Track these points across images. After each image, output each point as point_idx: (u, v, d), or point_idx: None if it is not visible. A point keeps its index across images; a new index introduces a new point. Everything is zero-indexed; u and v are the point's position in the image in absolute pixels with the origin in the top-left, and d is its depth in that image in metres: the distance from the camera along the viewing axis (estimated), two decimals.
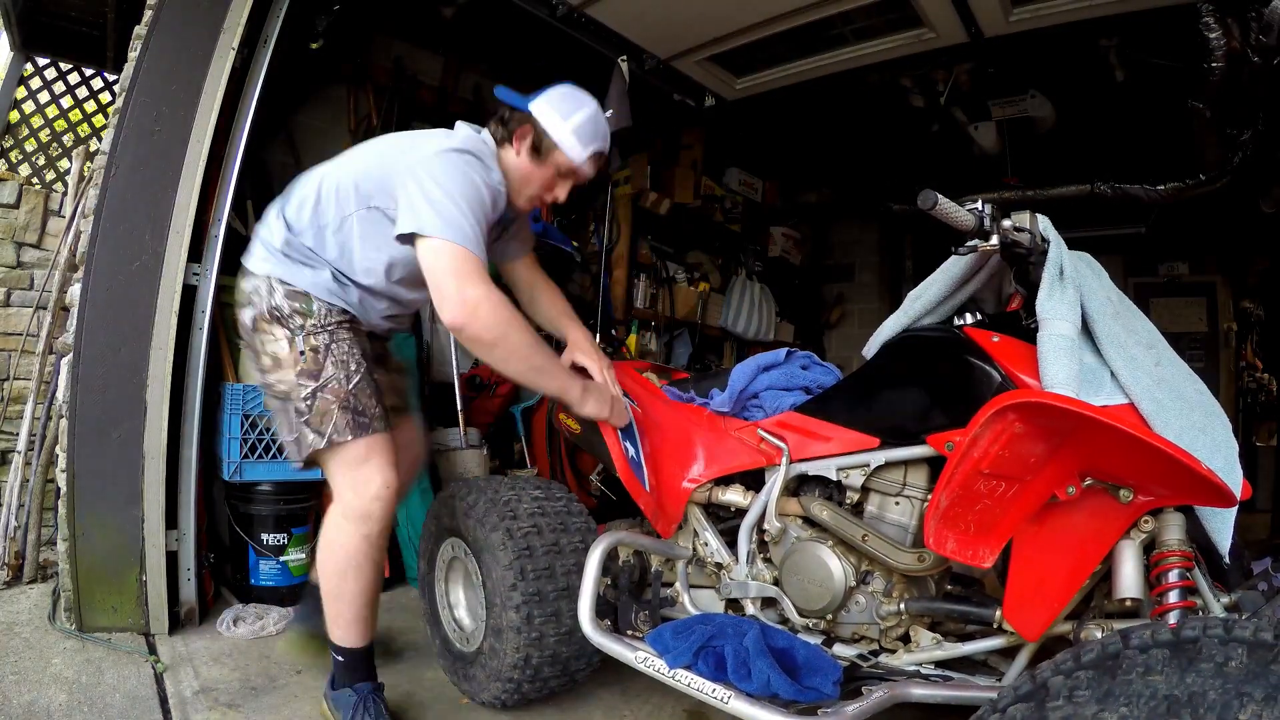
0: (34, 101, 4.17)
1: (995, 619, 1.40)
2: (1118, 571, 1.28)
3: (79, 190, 3.09)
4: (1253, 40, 2.46)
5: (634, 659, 1.56)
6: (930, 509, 1.33)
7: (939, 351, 1.57)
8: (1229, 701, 0.62)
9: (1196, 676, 0.66)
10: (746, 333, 5.19)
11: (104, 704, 1.83)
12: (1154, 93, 3.38)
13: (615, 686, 2.08)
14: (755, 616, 1.72)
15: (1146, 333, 1.44)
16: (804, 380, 1.88)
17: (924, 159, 4.47)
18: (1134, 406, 1.33)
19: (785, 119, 4.28)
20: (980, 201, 1.33)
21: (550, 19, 2.96)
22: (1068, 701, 0.74)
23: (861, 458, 1.61)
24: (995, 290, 1.64)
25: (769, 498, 1.69)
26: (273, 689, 1.98)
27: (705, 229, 5.08)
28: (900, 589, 1.58)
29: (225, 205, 2.39)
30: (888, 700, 1.34)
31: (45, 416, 2.74)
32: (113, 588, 2.21)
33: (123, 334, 2.21)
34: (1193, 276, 5.55)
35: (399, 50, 3.66)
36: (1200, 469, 1.11)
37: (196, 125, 2.30)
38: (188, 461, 2.33)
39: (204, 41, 2.31)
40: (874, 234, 5.98)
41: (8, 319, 3.42)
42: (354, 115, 3.49)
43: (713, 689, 1.41)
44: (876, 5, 2.83)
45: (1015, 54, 3.13)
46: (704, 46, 3.25)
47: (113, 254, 2.21)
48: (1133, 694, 0.70)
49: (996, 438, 1.22)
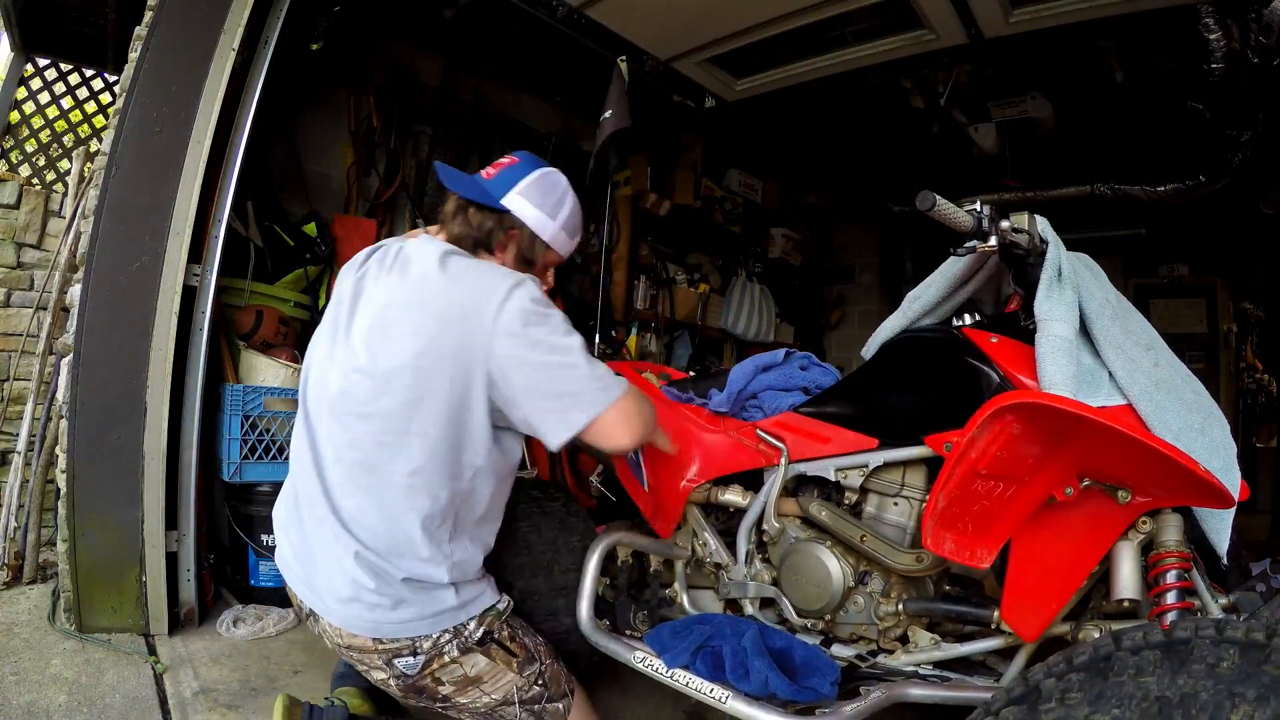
0: (34, 102, 4.17)
1: (993, 620, 1.40)
2: (1116, 572, 1.28)
3: (79, 191, 3.09)
4: (1253, 41, 2.46)
5: (632, 659, 1.57)
6: (928, 509, 1.33)
7: (937, 352, 1.58)
8: (1221, 702, 0.62)
9: (1188, 678, 0.66)
10: (746, 334, 5.19)
11: (104, 705, 1.83)
12: (1154, 94, 3.38)
13: (614, 687, 2.08)
14: (754, 617, 1.72)
15: (1144, 334, 1.44)
16: (802, 381, 1.89)
17: (924, 160, 4.47)
18: (1132, 407, 1.33)
19: (785, 120, 4.29)
20: (979, 203, 1.33)
21: (550, 20, 2.96)
22: (1060, 704, 0.74)
23: (860, 458, 1.61)
24: (994, 291, 1.64)
25: (767, 498, 1.69)
26: (272, 690, 1.98)
27: (705, 230, 5.08)
28: (898, 589, 1.58)
29: (225, 206, 2.39)
30: (885, 700, 1.34)
31: (45, 417, 2.74)
32: (112, 588, 2.21)
33: (123, 335, 2.21)
34: (1192, 277, 5.55)
35: (399, 52, 3.66)
36: (1198, 470, 1.11)
37: (197, 126, 2.29)
38: (187, 462, 2.33)
39: (204, 42, 2.31)
40: (874, 235, 5.98)
41: (8, 319, 3.43)
42: (354, 116, 3.49)
43: (710, 689, 1.42)
44: (876, 6, 2.83)
45: (1015, 55, 3.13)
46: (704, 48, 3.25)
47: (113, 255, 2.21)
48: (1124, 696, 0.70)
49: (994, 438, 1.22)
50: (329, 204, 3.42)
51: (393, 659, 1.41)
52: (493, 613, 1.49)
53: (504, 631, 1.50)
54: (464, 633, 1.44)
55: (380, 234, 3.47)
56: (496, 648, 1.47)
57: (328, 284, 3.13)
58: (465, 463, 1.42)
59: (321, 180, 3.46)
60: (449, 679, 1.45)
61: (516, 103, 4.21)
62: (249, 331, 2.67)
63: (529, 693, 1.49)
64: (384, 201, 3.58)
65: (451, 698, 1.47)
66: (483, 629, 1.46)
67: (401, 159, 3.67)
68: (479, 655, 1.45)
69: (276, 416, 2.56)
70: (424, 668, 1.43)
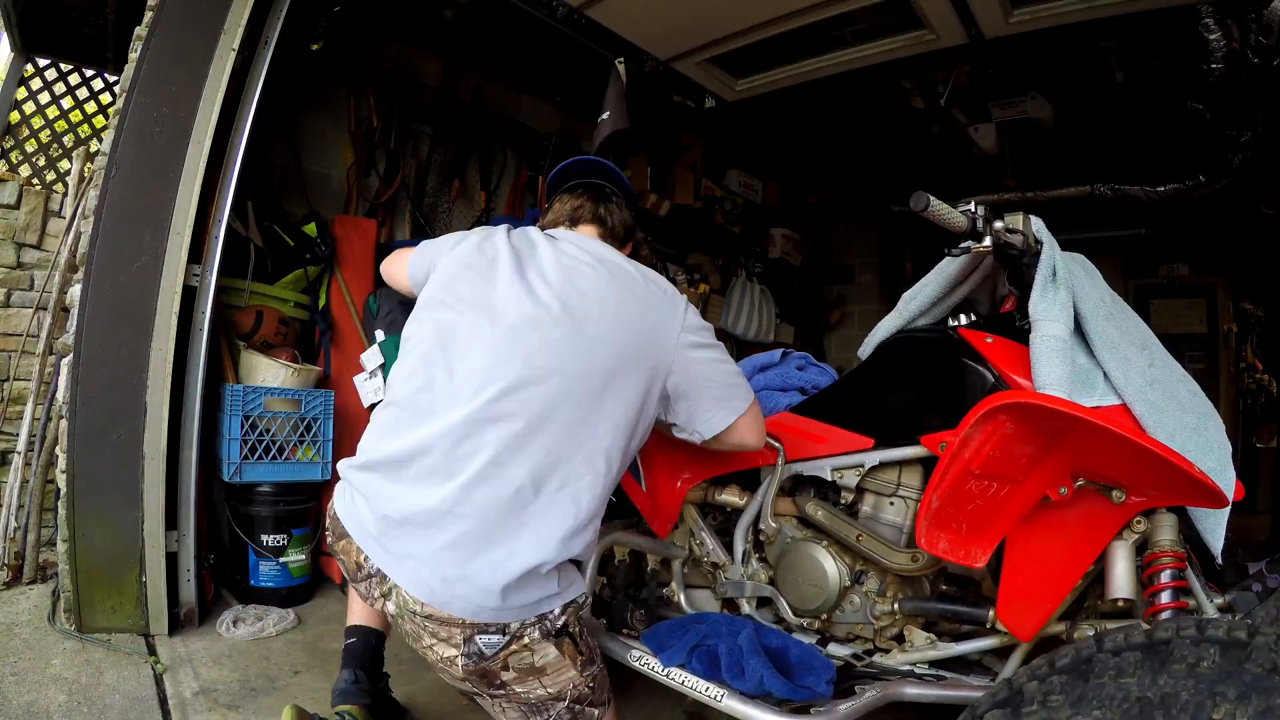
0: (34, 102, 4.18)
1: (989, 619, 1.41)
2: (1110, 572, 1.29)
3: (79, 191, 3.10)
4: (1253, 41, 2.46)
5: (629, 658, 1.57)
6: (922, 509, 1.34)
7: (933, 352, 1.58)
8: (1202, 701, 0.62)
9: (1169, 678, 0.66)
10: (746, 334, 5.19)
11: (104, 705, 1.84)
12: (1154, 94, 3.38)
13: (614, 688, 2.08)
14: (751, 616, 1.73)
15: (1140, 334, 1.44)
16: (799, 381, 1.89)
17: (924, 161, 4.47)
18: (1126, 408, 1.33)
19: (785, 120, 4.29)
20: (973, 203, 1.34)
21: (550, 20, 2.97)
22: (1042, 706, 0.74)
23: (856, 458, 1.62)
24: (989, 291, 1.64)
25: (764, 498, 1.69)
26: (272, 690, 1.99)
27: (705, 230, 5.08)
28: (894, 589, 1.59)
29: (225, 206, 2.40)
30: (881, 699, 1.35)
31: (45, 417, 2.74)
32: (112, 588, 2.21)
33: (123, 335, 2.22)
34: (1192, 277, 5.54)
35: (399, 52, 3.67)
36: (1192, 470, 1.12)
37: (197, 126, 2.30)
38: (187, 462, 2.34)
39: (204, 42, 2.32)
40: (874, 235, 5.98)
41: (8, 319, 3.43)
42: (354, 117, 3.49)
43: (706, 687, 1.42)
44: (876, 6, 2.83)
45: (1015, 55, 3.13)
46: (704, 48, 3.26)
47: (113, 255, 2.22)
48: (1105, 697, 0.70)
49: (987, 438, 1.22)
50: (329, 204, 3.43)
51: (476, 635, 1.34)
52: (574, 605, 1.43)
53: (578, 627, 1.44)
54: (548, 619, 1.37)
55: (380, 234, 3.48)
56: (569, 642, 1.41)
57: (328, 284, 3.13)
58: (631, 449, 1.44)
59: (321, 180, 3.46)
60: (516, 665, 1.38)
61: (516, 103, 4.22)
62: (249, 331, 2.67)
63: (579, 692, 1.44)
64: (384, 201, 3.59)
65: (509, 684, 1.40)
66: (564, 619, 1.39)
67: (401, 159, 3.68)
68: (551, 646, 1.39)
69: (276, 417, 2.57)
70: (502, 649, 1.35)
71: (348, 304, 3.13)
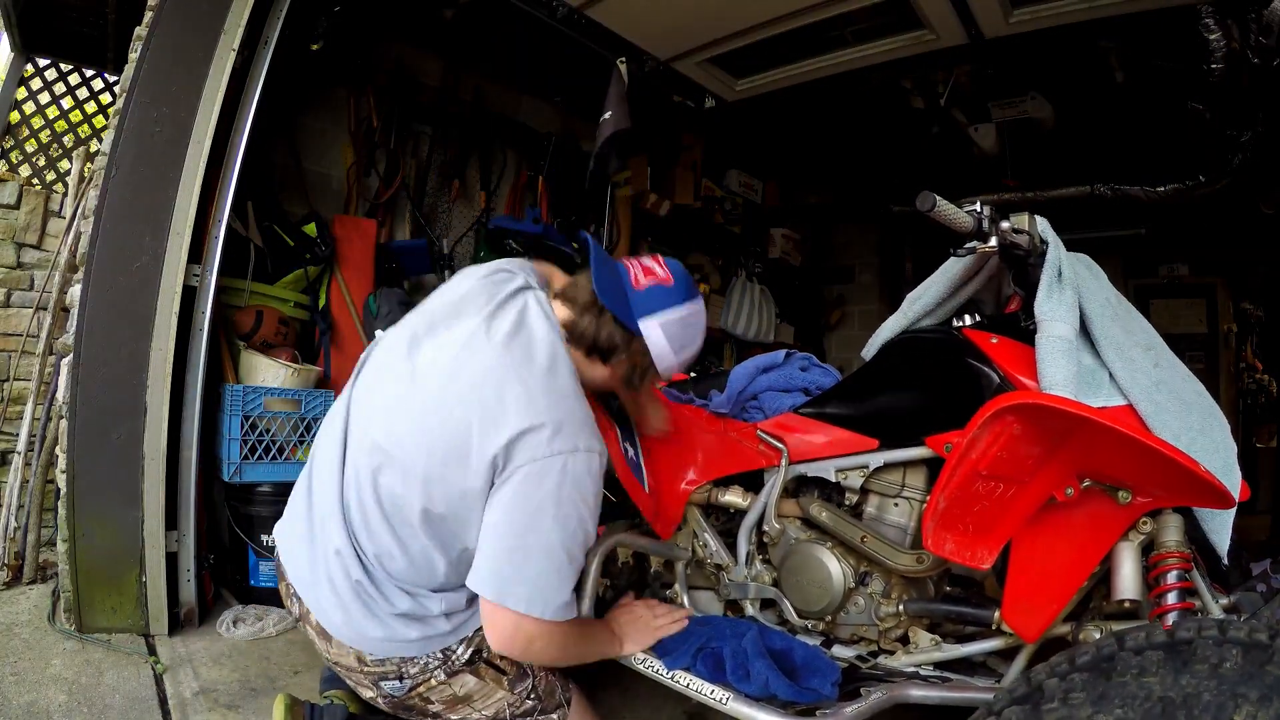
0: (34, 102, 4.18)
1: (994, 620, 1.40)
2: (1116, 573, 1.28)
3: (79, 191, 3.09)
4: (1252, 41, 2.46)
5: (633, 660, 1.56)
6: (928, 510, 1.33)
7: (938, 353, 1.58)
8: (1224, 703, 0.62)
9: (1191, 678, 0.65)
10: (746, 334, 5.19)
11: (104, 705, 1.83)
12: (1154, 94, 3.38)
13: (615, 688, 2.08)
14: (754, 618, 1.72)
15: (1145, 334, 1.44)
16: (803, 381, 1.88)
17: (924, 161, 4.47)
18: (1132, 408, 1.33)
19: (785, 120, 4.29)
20: (979, 203, 1.33)
21: (550, 20, 2.96)
22: (1063, 704, 0.74)
23: (860, 459, 1.61)
24: (994, 292, 1.64)
25: (768, 499, 1.69)
26: (272, 690, 1.98)
27: (705, 230, 5.08)
28: (899, 590, 1.58)
29: (225, 206, 2.39)
30: (886, 701, 1.34)
31: (45, 417, 2.74)
32: (112, 589, 2.21)
33: (123, 335, 2.21)
34: (1192, 277, 5.54)
35: (399, 52, 3.66)
36: (1198, 470, 1.11)
37: (196, 126, 2.30)
38: (187, 462, 2.33)
39: (204, 42, 2.31)
40: (874, 235, 5.98)
41: (8, 319, 3.43)
42: (354, 117, 3.49)
43: (711, 690, 1.41)
44: (876, 6, 2.83)
45: (1015, 55, 3.13)
46: (704, 48, 3.25)
47: (113, 255, 2.21)
48: (1127, 696, 0.69)
49: (994, 439, 1.22)
50: (329, 204, 3.42)
51: (379, 680, 1.40)
52: (482, 632, 1.42)
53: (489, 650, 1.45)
54: (451, 656, 1.42)
55: (380, 234, 3.47)
56: (485, 666, 1.45)
57: (328, 284, 3.13)
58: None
59: (321, 180, 3.45)
60: (438, 698, 1.44)
61: (516, 103, 4.21)
62: (249, 332, 2.67)
63: (521, 708, 1.47)
64: (384, 201, 3.58)
65: (442, 715, 1.46)
66: (471, 649, 1.44)
67: (401, 159, 3.67)
68: (468, 675, 1.43)
69: (276, 417, 2.56)
70: (410, 690, 1.41)
71: (348, 304, 3.12)
